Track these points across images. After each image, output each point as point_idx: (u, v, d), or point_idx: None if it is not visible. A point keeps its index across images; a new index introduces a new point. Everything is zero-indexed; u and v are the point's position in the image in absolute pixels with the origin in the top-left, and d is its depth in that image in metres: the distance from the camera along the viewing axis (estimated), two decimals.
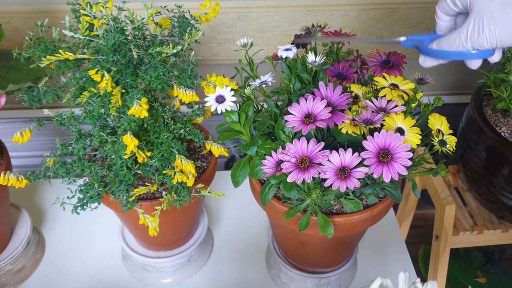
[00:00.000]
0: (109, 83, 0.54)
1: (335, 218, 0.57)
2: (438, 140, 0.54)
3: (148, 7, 0.55)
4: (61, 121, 0.62)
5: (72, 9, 0.58)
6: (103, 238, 0.87)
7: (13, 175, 0.62)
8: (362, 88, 0.59)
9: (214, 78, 0.59)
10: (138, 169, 0.62)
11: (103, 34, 0.54)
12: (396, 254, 0.85)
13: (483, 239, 1.01)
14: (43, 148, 1.26)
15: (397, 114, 0.53)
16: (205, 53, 1.10)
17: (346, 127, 0.53)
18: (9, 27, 1.01)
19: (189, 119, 0.66)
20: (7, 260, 0.78)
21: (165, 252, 0.78)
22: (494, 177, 0.90)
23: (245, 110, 0.59)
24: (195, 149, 0.73)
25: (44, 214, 0.92)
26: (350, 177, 0.51)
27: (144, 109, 0.55)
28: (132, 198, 0.61)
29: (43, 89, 0.61)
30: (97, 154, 0.65)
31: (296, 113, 0.53)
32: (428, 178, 1.02)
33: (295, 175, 0.51)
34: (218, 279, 0.81)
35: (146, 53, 0.56)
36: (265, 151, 0.56)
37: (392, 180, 0.49)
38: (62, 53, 0.54)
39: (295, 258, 0.74)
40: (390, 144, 0.49)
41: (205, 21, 0.61)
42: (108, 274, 0.82)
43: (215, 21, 1.05)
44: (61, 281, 0.80)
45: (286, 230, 0.68)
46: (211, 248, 0.86)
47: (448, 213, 0.94)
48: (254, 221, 0.90)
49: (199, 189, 0.63)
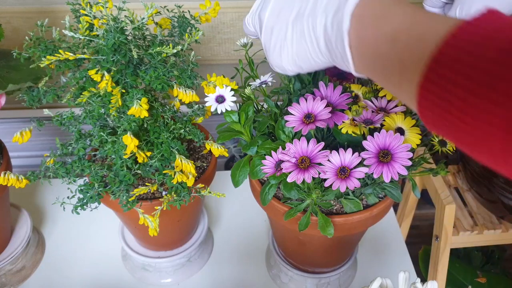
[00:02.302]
0: (109, 83, 0.54)
1: (335, 218, 0.57)
2: (438, 140, 0.54)
3: (148, 7, 0.55)
4: (61, 121, 0.62)
5: (72, 9, 0.58)
6: (103, 238, 0.87)
7: (13, 175, 0.62)
8: (362, 88, 0.59)
9: (214, 78, 0.59)
10: (138, 169, 0.62)
11: (103, 34, 0.54)
12: (396, 254, 0.85)
13: (483, 239, 1.01)
14: (43, 148, 1.26)
15: (397, 114, 0.53)
16: (205, 53, 1.10)
17: (346, 127, 0.53)
18: (9, 27, 1.01)
19: (189, 119, 0.66)
20: (7, 260, 0.78)
21: (165, 252, 0.78)
22: (494, 177, 0.90)
23: (245, 110, 0.59)
24: (195, 149, 0.73)
25: (44, 214, 0.92)
26: (350, 177, 0.51)
27: (144, 109, 0.55)
28: (132, 198, 0.61)
29: (43, 89, 0.61)
30: (97, 154, 0.65)
31: (296, 113, 0.53)
32: (428, 178, 1.02)
33: (295, 175, 0.51)
34: (218, 279, 0.81)
35: (146, 53, 0.56)
36: (265, 151, 0.56)
37: (392, 180, 0.49)
38: (62, 53, 0.54)
39: (295, 258, 0.74)
40: (390, 144, 0.49)
41: (205, 21, 0.61)
42: (108, 274, 0.82)
43: (215, 21, 1.05)
44: (61, 281, 0.80)
45: (286, 230, 0.68)
46: (211, 248, 0.86)
47: (448, 213, 0.94)
48: (254, 221, 0.90)
49: (199, 189, 0.63)
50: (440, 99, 0.29)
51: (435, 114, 0.30)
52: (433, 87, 0.30)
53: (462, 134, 0.29)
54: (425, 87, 0.31)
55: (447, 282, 1.07)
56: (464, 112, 0.28)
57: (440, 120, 0.30)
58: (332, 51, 0.40)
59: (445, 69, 0.29)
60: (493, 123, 0.27)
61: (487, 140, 0.28)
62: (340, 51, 0.38)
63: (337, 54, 0.39)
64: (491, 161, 0.29)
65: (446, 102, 0.29)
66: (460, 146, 0.31)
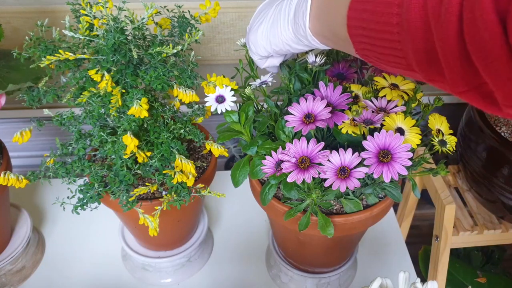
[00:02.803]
0: (109, 83, 0.54)
1: (335, 218, 0.57)
2: (438, 140, 0.54)
3: (148, 7, 0.55)
4: (61, 121, 0.62)
5: (72, 9, 0.58)
6: (103, 238, 0.87)
7: (13, 175, 0.62)
8: (362, 88, 0.59)
9: (214, 78, 0.59)
10: (138, 169, 0.62)
11: (103, 34, 0.54)
12: (396, 254, 0.85)
13: (483, 239, 1.01)
14: (43, 148, 1.26)
15: (397, 114, 0.53)
16: (205, 53, 1.10)
17: (346, 127, 0.53)
18: (9, 27, 1.01)
19: (189, 119, 0.66)
20: (7, 260, 0.78)
21: (165, 252, 0.78)
22: (494, 177, 0.90)
23: (245, 110, 0.59)
24: (195, 149, 0.73)
25: (44, 214, 0.92)
26: (350, 177, 0.51)
27: (144, 109, 0.55)
28: (132, 198, 0.61)
29: (43, 89, 0.61)
30: (97, 154, 0.65)
31: (296, 113, 0.53)
32: (428, 178, 1.02)
33: (295, 175, 0.51)
34: (218, 279, 0.81)
35: (146, 53, 0.56)
36: (265, 151, 0.56)
37: (392, 180, 0.49)
38: (62, 53, 0.54)
39: (295, 258, 0.74)
40: (390, 144, 0.49)
41: (205, 21, 0.61)
42: (108, 274, 0.82)
43: (215, 21, 1.05)
44: (61, 281, 0.80)
45: (286, 230, 0.68)
46: (211, 248, 0.86)
47: (448, 213, 0.94)
48: (254, 221, 0.90)
49: (199, 189, 0.63)
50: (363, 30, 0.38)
51: (363, 35, 0.39)
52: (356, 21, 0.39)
53: (383, 62, 0.39)
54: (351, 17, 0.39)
55: (447, 282, 1.07)
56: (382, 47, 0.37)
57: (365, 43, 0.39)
58: (297, 18, 0.48)
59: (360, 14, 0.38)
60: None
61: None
62: (303, 10, 0.46)
63: (300, 14, 0.47)
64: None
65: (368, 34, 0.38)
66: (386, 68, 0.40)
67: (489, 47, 0.29)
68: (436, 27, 0.32)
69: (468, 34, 0.30)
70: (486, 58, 0.29)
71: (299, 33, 0.49)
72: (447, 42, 0.31)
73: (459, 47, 0.31)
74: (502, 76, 0.29)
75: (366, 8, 0.37)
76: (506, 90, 0.30)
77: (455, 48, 0.31)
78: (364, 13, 0.38)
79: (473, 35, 0.29)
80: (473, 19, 0.29)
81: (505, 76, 0.29)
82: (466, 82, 0.32)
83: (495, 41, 0.28)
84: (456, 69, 0.32)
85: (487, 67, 0.30)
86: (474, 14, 0.29)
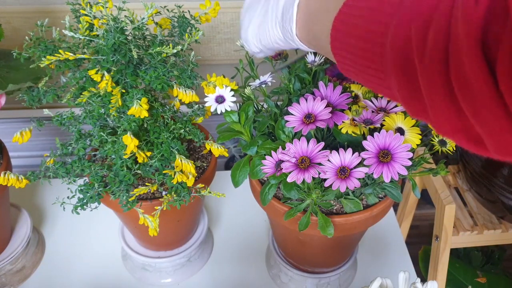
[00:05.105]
0: (109, 83, 0.54)
1: (335, 218, 0.57)
2: (438, 140, 0.54)
3: (148, 7, 0.55)
4: (61, 121, 0.62)
5: (72, 9, 0.58)
6: (103, 238, 0.87)
7: (13, 175, 0.62)
8: (362, 88, 0.59)
9: (214, 78, 0.59)
10: (138, 169, 0.62)
11: (103, 34, 0.54)
12: (396, 254, 0.85)
13: (483, 239, 1.01)
14: (43, 148, 1.26)
15: (397, 114, 0.53)
16: (205, 53, 1.10)
17: (346, 127, 0.53)
18: (9, 27, 1.01)
19: (189, 119, 0.66)
20: (7, 260, 0.78)
21: (165, 252, 0.78)
22: (494, 177, 0.90)
23: (245, 110, 0.59)
24: (195, 149, 0.73)
25: (44, 214, 0.92)
26: (350, 177, 0.51)
27: (144, 109, 0.55)
28: (132, 198, 0.61)
29: (43, 89, 0.61)
30: (97, 154, 0.65)
31: (296, 113, 0.53)
32: (428, 178, 1.02)
33: (295, 175, 0.51)
34: (218, 279, 0.81)
35: (146, 53, 0.56)
36: (265, 151, 0.56)
37: (392, 180, 0.49)
38: (62, 53, 0.54)
39: (295, 258, 0.74)
40: (390, 144, 0.49)
41: (205, 21, 0.61)
42: (108, 274, 0.82)
43: (215, 21, 1.05)
44: (61, 281, 0.80)
45: (286, 230, 0.68)
46: (211, 248, 0.86)
47: (448, 213, 0.94)
48: (254, 221, 0.90)
49: (199, 189, 0.63)
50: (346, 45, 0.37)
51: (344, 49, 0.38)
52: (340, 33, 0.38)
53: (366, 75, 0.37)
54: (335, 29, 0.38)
55: (447, 282, 1.07)
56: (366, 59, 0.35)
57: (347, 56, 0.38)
58: (284, 22, 0.47)
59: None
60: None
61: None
62: (290, 16, 0.46)
63: (287, 19, 0.47)
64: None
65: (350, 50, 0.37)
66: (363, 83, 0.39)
67: (479, 97, 0.27)
68: (420, 66, 0.30)
69: (457, 81, 0.28)
70: (475, 105, 0.28)
71: (287, 36, 0.48)
72: (431, 81, 0.30)
73: (445, 90, 0.29)
74: (495, 128, 0.28)
75: (351, 32, 0.36)
76: (500, 143, 0.29)
77: (441, 89, 0.29)
78: (348, 37, 0.36)
79: (462, 82, 0.28)
80: (461, 65, 0.27)
81: (497, 129, 0.28)
82: (452, 124, 0.30)
83: (484, 89, 0.27)
84: (441, 110, 0.30)
85: (476, 114, 0.28)
86: (462, 60, 0.27)
